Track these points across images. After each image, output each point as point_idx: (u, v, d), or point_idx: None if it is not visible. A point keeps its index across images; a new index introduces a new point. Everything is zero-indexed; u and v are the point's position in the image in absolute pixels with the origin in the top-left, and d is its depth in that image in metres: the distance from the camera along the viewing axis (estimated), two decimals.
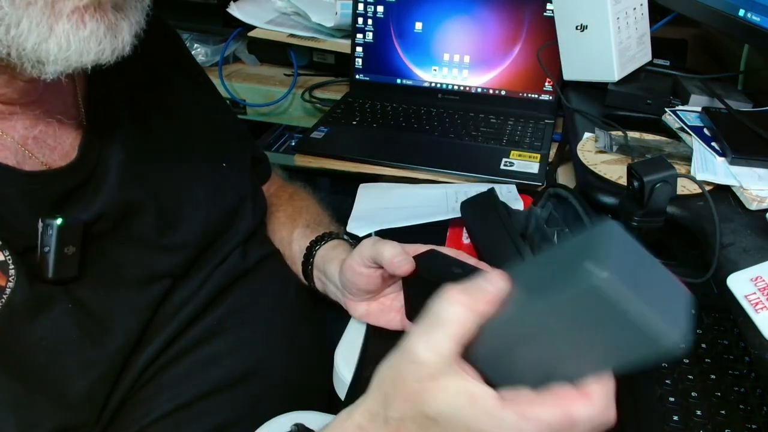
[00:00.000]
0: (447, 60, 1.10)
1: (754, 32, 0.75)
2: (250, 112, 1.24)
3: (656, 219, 0.57)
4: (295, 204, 0.79)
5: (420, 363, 0.34)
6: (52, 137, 0.53)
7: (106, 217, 0.53)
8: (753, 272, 0.52)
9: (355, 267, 0.58)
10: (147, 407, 0.54)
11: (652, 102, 0.85)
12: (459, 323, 0.34)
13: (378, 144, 0.99)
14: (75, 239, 0.50)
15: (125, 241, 0.55)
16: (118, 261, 0.54)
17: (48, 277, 0.48)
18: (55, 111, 0.53)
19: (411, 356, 0.35)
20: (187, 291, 0.59)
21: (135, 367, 0.53)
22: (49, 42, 0.42)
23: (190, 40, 1.25)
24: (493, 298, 0.34)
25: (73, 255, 0.50)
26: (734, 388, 0.53)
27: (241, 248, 0.65)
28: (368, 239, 0.58)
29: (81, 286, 0.51)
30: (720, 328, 0.60)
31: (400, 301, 0.61)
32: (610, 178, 0.68)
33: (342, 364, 0.60)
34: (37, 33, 0.41)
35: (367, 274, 0.58)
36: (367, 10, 1.11)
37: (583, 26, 0.86)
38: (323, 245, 0.69)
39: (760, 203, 0.62)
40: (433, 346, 0.34)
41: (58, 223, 0.48)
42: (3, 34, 0.41)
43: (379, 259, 0.55)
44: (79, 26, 0.42)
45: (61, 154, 0.53)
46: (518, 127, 1.02)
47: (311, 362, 0.68)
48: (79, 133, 0.54)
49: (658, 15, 0.99)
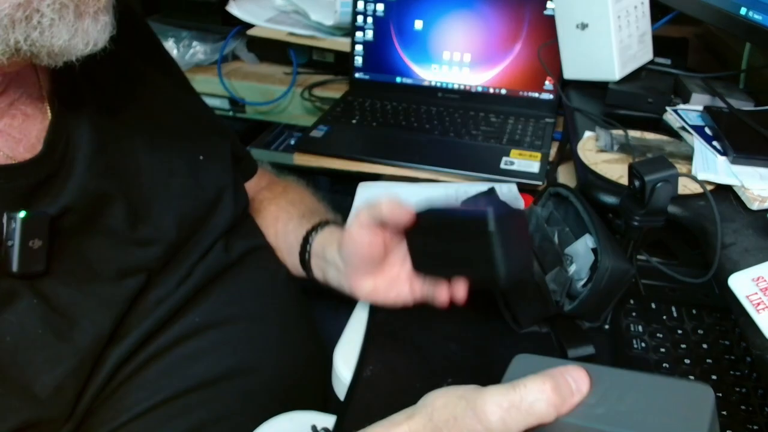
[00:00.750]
0: (447, 58, 1.10)
1: (756, 31, 0.75)
2: (249, 111, 1.24)
3: (657, 218, 0.57)
4: (288, 197, 0.78)
5: (486, 428, 0.36)
6: (17, 129, 0.53)
7: (74, 210, 0.53)
8: (754, 272, 0.52)
9: (355, 235, 0.56)
10: (126, 403, 0.53)
11: (653, 101, 0.85)
12: (539, 417, 0.36)
13: (378, 143, 0.99)
14: (41, 233, 0.49)
15: (96, 235, 0.54)
16: (89, 255, 0.54)
17: (13, 271, 0.48)
18: (19, 103, 0.53)
19: (480, 417, 0.36)
20: (166, 286, 0.58)
21: (108, 363, 0.53)
22: (75, 39, 0.46)
23: (190, 38, 1.25)
24: (578, 399, 0.37)
25: (39, 249, 0.49)
26: (735, 389, 0.53)
27: (223, 241, 0.64)
28: (360, 206, 0.56)
29: (50, 281, 0.50)
30: (721, 329, 0.60)
31: (405, 270, 0.59)
32: (611, 177, 0.68)
33: (341, 363, 0.60)
34: (66, 31, 0.45)
35: (369, 240, 0.56)
36: (366, 9, 1.11)
37: (584, 25, 0.86)
38: (320, 232, 0.68)
39: (762, 203, 0.62)
40: (507, 422, 0.36)
41: (21, 216, 0.48)
42: (38, 36, 0.44)
43: (377, 212, 0.54)
44: (98, 21, 0.47)
45: (27, 147, 0.53)
46: (518, 126, 1.02)
47: (305, 359, 0.67)
48: (45, 125, 0.54)
49: (659, 13, 0.98)
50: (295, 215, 0.74)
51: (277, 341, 0.64)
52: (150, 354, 0.55)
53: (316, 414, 0.55)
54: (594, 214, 0.60)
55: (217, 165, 0.67)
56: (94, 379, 0.52)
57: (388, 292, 0.59)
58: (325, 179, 1.40)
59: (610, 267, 0.54)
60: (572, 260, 0.60)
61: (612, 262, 0.54)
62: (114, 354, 0.53)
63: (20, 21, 0.43)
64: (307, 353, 0.68)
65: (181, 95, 0.71)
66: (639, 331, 0.59)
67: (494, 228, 0.47)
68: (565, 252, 0.61)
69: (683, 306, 0.62)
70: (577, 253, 0.60)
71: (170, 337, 0.57)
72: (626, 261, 0.56)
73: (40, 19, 0.44)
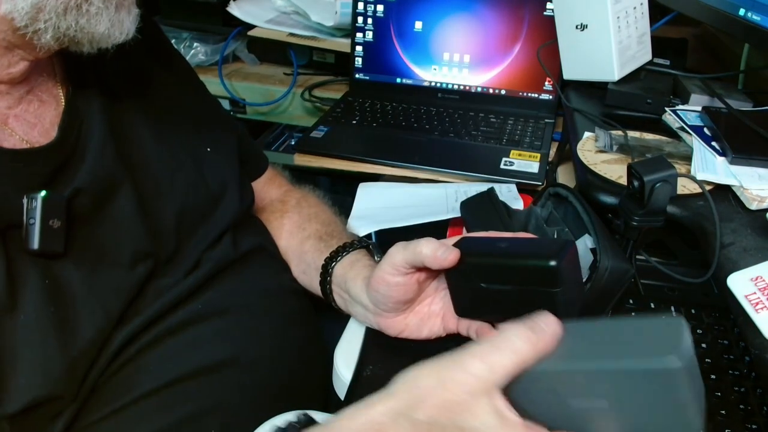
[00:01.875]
0: (447, 59, 1.10)
1: (755, 31, 0.75)
2: (249, 112, 1.24)
3: (656, 218, 0.57)
4: (302, 212, 0.78)
5: (472, 375, 0.36)
6: (32, 115, 0.55)
7: (84, 192, 0.54)
8: (753, 272, 0.52)
9: (388, 279, 0.53)
10: (128, 386, 0.54)
11: (653, 101, 0.85)
12: (519, 354, 0.36)
13: (378, 143, 0.99)
14: (60, 213, 0.51)
15: (107, 220, 0.56)
16: (101, 240, 0.55)
17: (33, 249, 0.49)
18: (36, 90, 0.55)
19: (464, 367, 0.36)
20: (175, 275, 0.59)
21: (113, 344, 0.54)
22: (113, 28, 0.51)
23: (190, 39, 1.25)
24: (553, 341, 0.37)
25: (58, 229, 0.51)
26: (734, 388, 0.53)
27: (230, 235, 0.65)
28: (393, 247, 0.53)
29: (63, 263, 0.52)
30: (720, 328, 0.60)
31: (437, 303, 0.57)
32: (610, 177, 0.68)
33: (342, 363, 0.60)
34: (108, 20, 0.50)
35: (404, 282, 0.53)
36: (367, 10, 1.11)
37: (583, 25, 0.86)
38: (339, 261, 0.66)
39: (761, 203, 0.62)
40: (491, 365, 0.36)
41: (43, 195, 0.50)
42: (85, 23, 0.49)
43: (419, 259, 0.50)
44: (131, 12, 0.53)
45: (42, 131, 0.55)
46: (518, 127, 1.02)
47: (306, 358, 0.67)
48: (58, 112, 0.56)
49: (659, 14, 0.99)
50: (312, 235, 0.73)
51: (277, 337, 0.64)
52: (153, 338, 0.56)
53: (317, 413, 0.55)
54: (593, 214, 0.60)
55: (222, 158, 0.68)
56: (99, 361, 0.53)
57: (421, 329, 0.58)
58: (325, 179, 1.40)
59: (609, 267, 0.54)
60: None
61: (611, 262, 0.54)
62: (119, 337, 0.54)
63: (72, 9, 0.48)
64: (309, 353, 0.68)
65: (189, 89, 0.73)
66: None
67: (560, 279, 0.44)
68: None
69: (682, 306, 0.62)
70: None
71: (173, 322, 0.58)
72: (625, 261, 0.56)
73: (88, 7, 0.49)
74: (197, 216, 0.63)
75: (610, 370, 0.35)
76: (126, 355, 0.55)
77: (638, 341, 0.35)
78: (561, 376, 0.37)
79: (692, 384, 0.33)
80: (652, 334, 0.35)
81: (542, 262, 0.44)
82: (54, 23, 0.48)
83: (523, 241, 0.50)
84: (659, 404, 0.34)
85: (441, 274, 0.55)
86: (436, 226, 0.76)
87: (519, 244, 0.49)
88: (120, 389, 0.54)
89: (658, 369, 0.33)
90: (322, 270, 0.67)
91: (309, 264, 0.71)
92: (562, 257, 0.44)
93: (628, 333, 0.36)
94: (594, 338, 0.37)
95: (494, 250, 0.49)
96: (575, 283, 0.46)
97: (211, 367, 0.58)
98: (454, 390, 0.36)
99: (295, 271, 0.74)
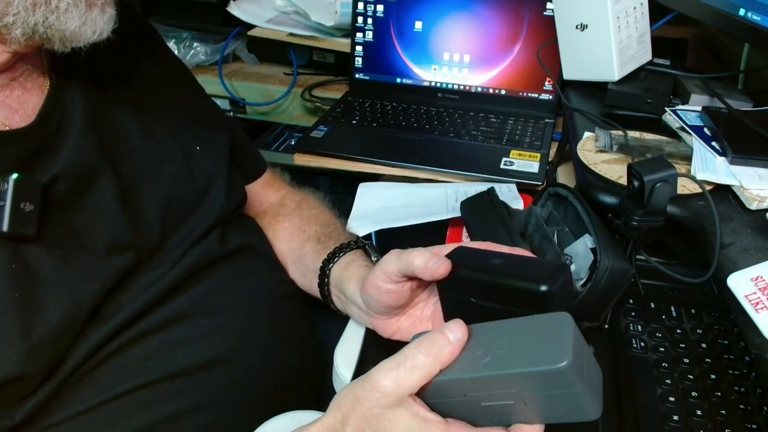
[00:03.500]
0: (447, 59, 1.10)
1: (755, 32, 0.75)
2: (249, 111, 1.24)
3: (656, 218, 0.57)
4: (303, 214, 0.78)
5: (383, 392, 0.41)
6: (15, 101, 0.55)
7: (63, 179, 0.54)
8: (753, 272, 0.52)
9: (380, 285, 0.54)
10: (108, 382, 0.54)
11: (653, 101, 0.85)
12: (422, 368, 0.41)
13: (378, 143, 0.99)
14: (33, 197, 0.51)
15: (84, 208, 0.56)
16: (77, 227, 0.55)
17: (3, 231, 0.49)
18: (21, 78, 0.56)
19: (376, 385, 0.41)
20: (160, 268, 0.59)
21: (92, 339, 0.53)
22: (85, 27, 0.51)
23: (190, 39, 1.25)
24: (455, 350, 0.41)
25: (30, 213, 0.51)
26: (734, 388, 0.53)
27: (219, 231, 0.65)
28: (388, 254, 0.53)
29: (36, 248, 0.51)
30: (720, 328, 0.60)
31: (429, 308, 0.58)
32: (610, 177, 0.68)
33: (342, 363, 0.60)
34: (78, 18, 0.51)
35: (396, 290, 0.54)
36: (367, 9, 1.11)
37: (583, 25, 0.86)
38: (336, 262, 0.66)
39: (761, 203, 0.62)
40: (396, 381, 0.41)
41: (14, 177, 0.50)
42: (54, 20, 0.50)
43: (411, 269, 0.50)
44: (105, 12, 0.53)
45: (23, 117, 0.55)
46: (518, 127, 1.02)
47: (299, 358, 0.67)
48: (42, 98, 0.57)
49: (659, 14, 0.99)
50: (311, 237, 0.73)
51: (266, 337, 0.64)
52: (134, 335, 0.56)
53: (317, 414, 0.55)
54: (593, 214, 0.60)
55: (211, 155, 0.68)
56: (74, 352, 0.53)
57: (413, 332, 0.58)
58: (325, 179, 1.41)
59: (609, 267, 0.54)
60: (572, 260, 0.60)
61: (611, 261, 0.54)
62: (99, 332, 0.54)
63: (41, 4, 0.49)
64: (303, 353, 0.68)
65: (182, 88, 0.72)
66: (638, 331, 0.59)
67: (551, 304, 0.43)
68: (564, 252, 0.61)
69: (682, 306, 0.62)
70: (577, 253, 0.60)
71: (156, 320, 0.57)
72: (625, 261, 0.56)
73: (57, 3, 0.49)
74: (183, 208, 0.63)
75: (507, 375, 0.39)
76: (107, 350, 0.54)
77: (531, 342, 0.39)
78: (465, 383, 0.40)
79: (582, 375, 0.37)
80: (543, 333, 0.39)
81: (534, 286, 0.44)
82: (23, 18, 0.48)
83: (518, 260, 0.49)
84: (557, 397, 0.38)
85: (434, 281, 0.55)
86: (436, 226, 0.76)
87: (514, 262, 0.49)
88: (99, 385, 0.54)
89: (547, 371, 0.37)
90: (320, 272, 0.67)
91: (308, 267, 0.71)
92: (555, 282, 0.44)
93: (522, 332, 0.41)
94: (494, 341, 0.41)
95: (488, 266, 0.48)
96: (567, 309, 0.45)
97: (194, 368, 0.58)
98: (368, 405, 0.41)
99: (296, 274, 0.73)
